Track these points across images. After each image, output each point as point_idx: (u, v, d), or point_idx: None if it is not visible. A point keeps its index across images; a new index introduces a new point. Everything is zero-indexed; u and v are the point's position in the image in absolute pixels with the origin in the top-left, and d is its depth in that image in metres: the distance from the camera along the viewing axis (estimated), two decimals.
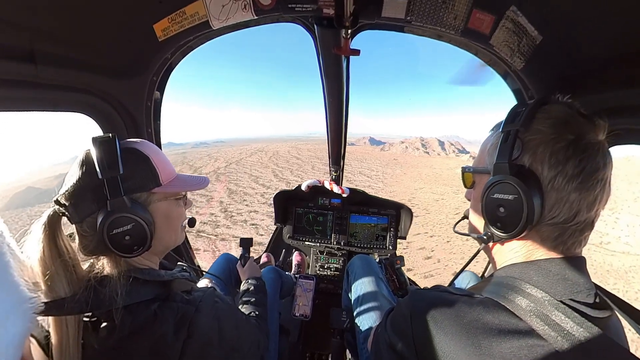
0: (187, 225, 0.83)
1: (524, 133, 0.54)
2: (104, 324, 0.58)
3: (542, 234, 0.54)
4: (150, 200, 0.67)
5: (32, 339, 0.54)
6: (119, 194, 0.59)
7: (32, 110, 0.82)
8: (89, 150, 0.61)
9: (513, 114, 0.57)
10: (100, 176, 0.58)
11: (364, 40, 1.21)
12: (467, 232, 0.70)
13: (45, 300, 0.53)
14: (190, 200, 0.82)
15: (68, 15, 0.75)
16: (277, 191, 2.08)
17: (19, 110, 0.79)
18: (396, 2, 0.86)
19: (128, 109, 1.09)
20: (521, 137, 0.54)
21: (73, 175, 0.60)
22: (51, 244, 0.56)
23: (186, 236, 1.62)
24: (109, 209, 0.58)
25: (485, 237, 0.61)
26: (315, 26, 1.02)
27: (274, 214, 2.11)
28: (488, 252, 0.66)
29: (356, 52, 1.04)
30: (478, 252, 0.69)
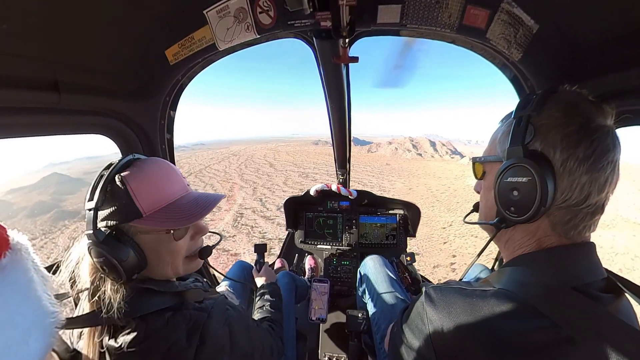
0: (196, 256, 0.72)
1: (536, 118, 0.52)
2: (120, 332, 0.57)
3: (553, 218, 0.52)
4: (133, 232, 0.60)
5: (54, 354, 0.52)
6: (90, 227, 0.56)
7: (55, 134, 0.84)
8: None
9: (524, 102, 0.55)
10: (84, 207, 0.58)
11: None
12: (479, 227, 0.66)
13: (67, 316, 0.52)
14: (203, 226, 0.71)
15: (87, 46, 0.78)
16: (287, 197, 2.06)
17: (44, 135, 0.81)
18: (390, 8, 0.85)
19: (144, 128, 1.11)
20: (533, 122, 0.52)
21: None
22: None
23: None
24: (88, 240, 0.57)
25: (497, 223, 0.58)
26: (314, 39, 1.02)
27: (285, 219, 2.08)
28: (500, 242, 0.64)
29: (355, 60, 1.04)
30: (488, 244, 0.66)
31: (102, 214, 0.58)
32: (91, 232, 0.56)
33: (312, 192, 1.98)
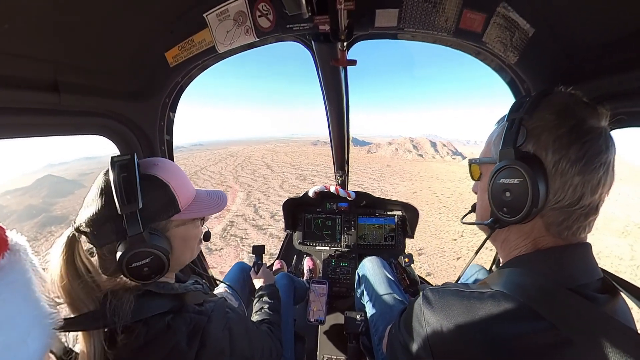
0: (202, 240, 0.80)
1: (528, 121, 0.53)
2: (120, 336, 0.56)
3: (547, 219, 0.52)
4: (169, 227, 0.65)
5: (51, 355, 0.52)
6: (138, 229, 0.56)
7: (55, 135, 0.84)
8: (107, 175, 0.59)
9: (518, 104, 0.56)
10: (119, 211, 0.55)
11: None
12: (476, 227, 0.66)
13: (65, 317, 0.51)
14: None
15: (87, 47, 0.78)
16: (286, 199, 2.07)
17: (43, 135, 0.81)
18: (388, 12, 0.86)
19: (143, 129, 1.11)
20: (525, 124, 0.53)
21: (93, 202, 0.58)
22: (69, 265, 0.55)
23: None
24: (128, 245, 0.56)
25: (491, 224, 0.59)
26: (313, 42, 1.03)
27: (283, 221, 2.09)
28: (496, 242, 0.64)
29: (353, 63, 1.05)
30: (483, 243, 0.67)
31: (143, 213, 0.57)
32: (135, 235, 0.55)
33: (310, 194, 1.99)
